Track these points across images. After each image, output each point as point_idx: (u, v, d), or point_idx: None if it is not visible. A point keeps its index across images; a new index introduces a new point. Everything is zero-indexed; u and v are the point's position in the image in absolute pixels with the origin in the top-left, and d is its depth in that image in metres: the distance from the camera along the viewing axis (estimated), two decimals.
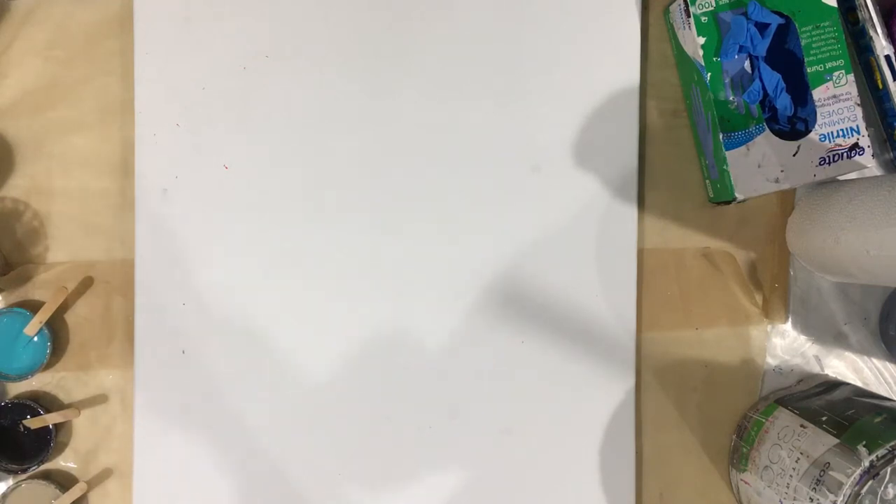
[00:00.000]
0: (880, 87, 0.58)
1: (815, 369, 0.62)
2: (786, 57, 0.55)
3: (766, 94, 0.55)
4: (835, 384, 0.60)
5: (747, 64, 0.55)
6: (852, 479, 0.48)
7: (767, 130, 0.54)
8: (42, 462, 0.52)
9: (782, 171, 0.54)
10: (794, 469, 0.52)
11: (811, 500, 0.50)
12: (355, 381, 0.55)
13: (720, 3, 0.54)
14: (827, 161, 0.54)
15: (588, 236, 0.57)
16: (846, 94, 0.54)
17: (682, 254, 0.60)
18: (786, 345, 0.61)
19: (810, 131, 0.54)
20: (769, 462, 0.54)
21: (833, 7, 0.54)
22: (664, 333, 0.59)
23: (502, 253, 0.57)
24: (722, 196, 0.57)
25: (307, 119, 0.55)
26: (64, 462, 0.54)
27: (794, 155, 0.54)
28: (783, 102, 0.55)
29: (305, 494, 0.55)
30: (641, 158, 0.59)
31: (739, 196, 0.54)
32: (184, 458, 0.54)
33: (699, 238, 0.60)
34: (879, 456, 0.48)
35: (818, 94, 0.54)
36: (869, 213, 0.51)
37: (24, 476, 0.53)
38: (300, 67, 0.55)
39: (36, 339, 0.52)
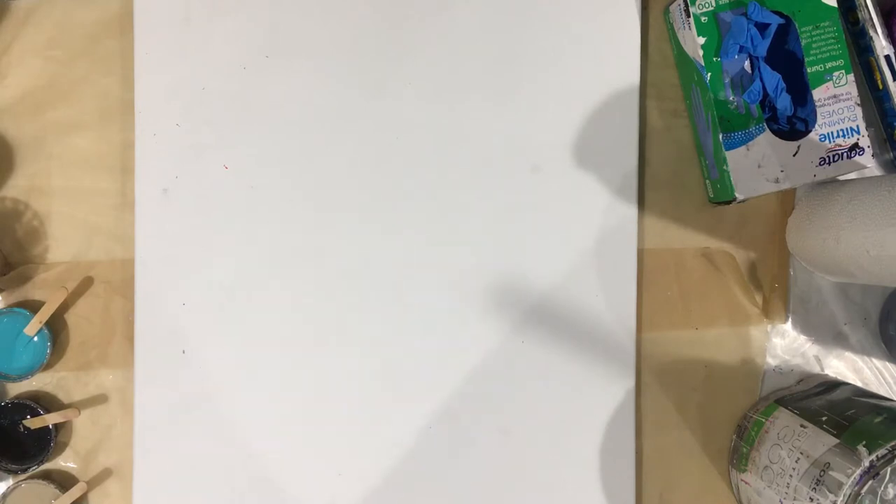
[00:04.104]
0: (880, 87, 0.58)
1: (815, 369, 0.62)
2: (786, 57, 0.55)
3: (766, 94, 0.55)
4: (835, 384, 0.60)
5: (747, 64, 0.55)
6: (852, 479, 0.48)
7: (767, 130, 0.54)
8: (42, 462, 0.52)
9: (782, 171, 0.54)
10: (794, 469, 0.52)
11: (811, 500, 0.50)
12: (355, 380, 0.55)
13: (720, 3, 0.54)
14: (827, 161, 0.54)
15: (588, 236, 0.57)
16: (846, 94, 0.54)
17: (682, 254, 0.60)
18: (786, 345, 0.61)
19: (810, 131, 0.54)
20: (769, 462, 0.54)
21: (833, 7, 0.54)
22: (664, 333, 0.59)
23: (502, 253, 0.57)
24: (722, 196, 0.57)
25: (307, 119, 0.55)
26: (64, 462, 0.54)
27: (794, 155, 0.54)
28: (783, 102, 0.55)
29: (305, 495, 0.55)
30: (641, 158, 0.59)
31: (739, 196, 0.54)
32: (184, 458, 0.54)
33: (699, 238, 0.60)
34: (879, 456, 0.48)
35: (818, 94, 0.54)
36: (869, 213, 0.51)
37: (24, 476, 0.53)
38: (300, 67, 0.55)
39: (36, 339, 0.52)
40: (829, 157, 0.54)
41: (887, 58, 0.58)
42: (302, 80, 0.55)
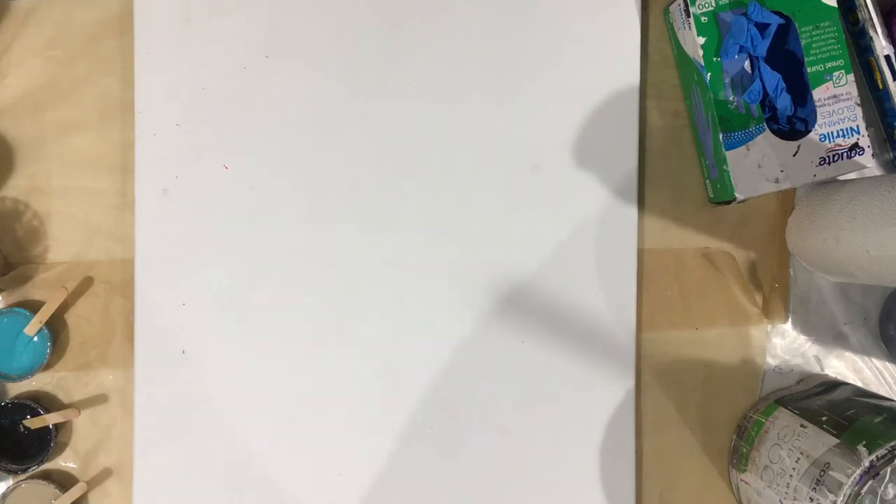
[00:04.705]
0: (880, 87, 0.58)
1: (815, 369, 0.62)
2: (786, 57, 0.55)
3: (766, 94, 0.55)
4: (835, 384, 0.60)
5: (747, 64, 0.55)
6: (852, 479, 0.48)
7: (767, 130, 0.54)
8: (42, 462, 0.52)
9: (782, 171, 0.54)
10: (794, 469, 0.52)
11: (811, 500, 0.50)
12: (355, 380, 0.55)
13: (720, 3, 0.54)
14: (827, 161, 0.54)
15: (588, 236, 0.57)
16: (846, 94, 0.54)
17: (682, 254, 0.60)
18: (786, 345, 0.61)
19: (810, 131, 0.54)
20: (769, 462, 0.54)
21: (833, 7, 0.54)
22: (664, 333, 0.59)
23: (502, 253, 0.57)
24: (722, 196, 0.57)
25: (307, 119, 0.55)
26: (64, 462, 0.54)
27: (794, 155, 0.54)
28: (783, 102, 0.55)
29: (305, 494, 0.55)
30: (641, 158, 0.59)
31: (739, 196, 0.54)
32: (184, 458, 0.54)
33: (699, 238, 0.60)
34: (879, 456, 0.48)
35: (818, 94, 0.54)
36: (869, 213, 0.51)
37: (24, 476, 0.53)
38: (300, 67, 0.55)
39: (36, 339, 0.52)
40: (829, 157, 0.54)
41: (887, 58, 0.58)
42: (302, 80, 0.55)
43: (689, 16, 0.54)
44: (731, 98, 0.54)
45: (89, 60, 0.54)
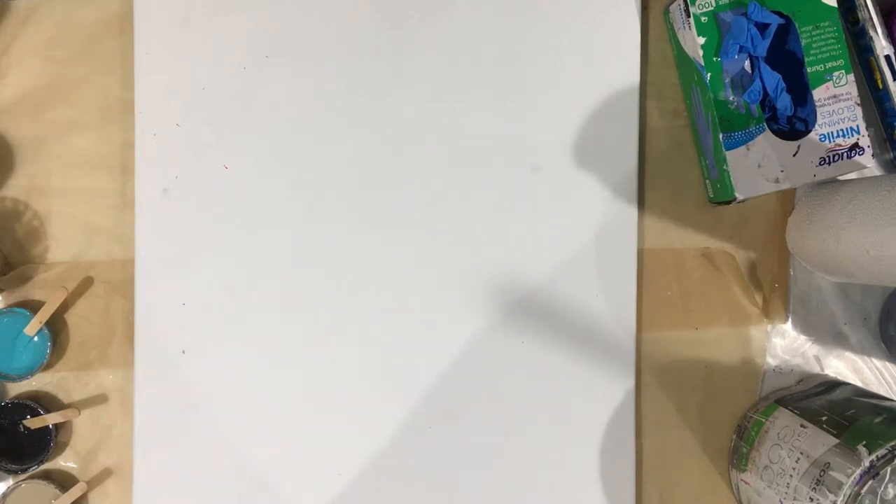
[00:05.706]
0: (880, 87, 0.58)
1: (815, 369, 0.62)
2: (786, 57, 0.55)
3: (766, 94, 0.55)
4: (835, 384, 0.60)
5: (747, 64, 0.55)
6: (852, 479, 0.48)
7: (767, 130, 0.54)
8: (42, 462, 0.52)
9: (782, 171, 0.54)
10: (794, 469, 0.52)
11: (811, 500, 0.50)
12: (355, 380, 0.55)
13: (720, 3, 0.54)
14: (827, 161, 0.54)
15: (588, 236, 0.57)
16: (846, 94, 0.54)
17: (682, 254, 0.60)
18: (786, 345, 0.61)
19: (810, 131, 0.54)
20: (769, 462, 0.54)
21: (833, 7, 0.54)
22: (664, 333, 0.59)
23: (502, 253, 0.57)
24: (722, 196, 0.57)
25: (307, 119, 0.55)
26: (64, 462, 0.54)
27: (794, 155, 0.54)
28: (783, 102, 0.55)
29: (305, 494, 0.55)
30: (641, 158, 0.59)
31: (739, 196, 0.54)
32: (184, 458, 0.54)
33: (699, 238, 0.60)
34: (879, 456, 0.48)
35: (818, 94, 0.54)
36: (869, 213, 0.51)
37: (24, 476, 0.53)
38: (300, 67, 0.55)
39: (36, 339, 0.52)
40: (829, 157, 0.54)
41: (887, 58, 0.58)
42: (302, 80, 0.55)
43: (689, 16, 0.54)
44: (731, 98, 0.54)
45: (89, 60, 0.54)
